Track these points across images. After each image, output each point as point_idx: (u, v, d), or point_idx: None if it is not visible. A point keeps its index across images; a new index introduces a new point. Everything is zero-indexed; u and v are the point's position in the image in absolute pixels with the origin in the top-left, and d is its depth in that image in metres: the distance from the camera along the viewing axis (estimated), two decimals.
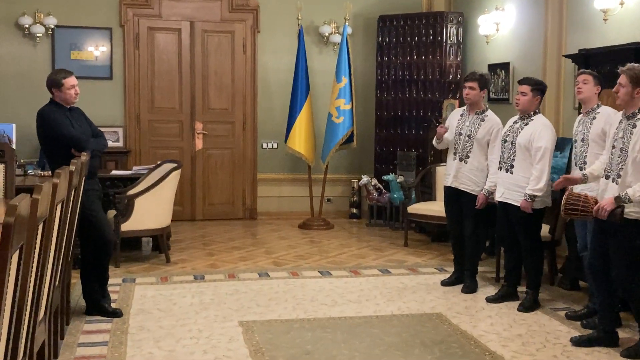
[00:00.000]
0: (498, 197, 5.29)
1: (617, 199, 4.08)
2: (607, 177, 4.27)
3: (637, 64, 4.23)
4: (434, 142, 5.98)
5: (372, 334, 4.62)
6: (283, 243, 7.64)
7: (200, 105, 8.90)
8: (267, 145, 9.10)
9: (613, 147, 4.26)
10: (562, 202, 4.41)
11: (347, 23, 8.53)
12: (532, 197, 5.05)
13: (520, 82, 5.29)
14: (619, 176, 4.16)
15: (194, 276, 6.12)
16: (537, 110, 5.25)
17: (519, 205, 5.12)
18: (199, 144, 8.93)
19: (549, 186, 5.08)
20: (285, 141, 8.50)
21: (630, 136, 4.13)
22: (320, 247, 7.45)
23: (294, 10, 8.68)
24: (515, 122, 5.29)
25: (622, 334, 4.51)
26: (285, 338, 4.55)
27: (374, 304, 5.34)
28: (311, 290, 5.71)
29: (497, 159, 5.40)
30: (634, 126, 4.13)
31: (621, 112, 4.31)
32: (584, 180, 4.61)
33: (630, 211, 4.08)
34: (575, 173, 4.95)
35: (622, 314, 4.68)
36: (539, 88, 5.22)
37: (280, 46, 8.96)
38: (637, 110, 4.17)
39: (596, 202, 4.25)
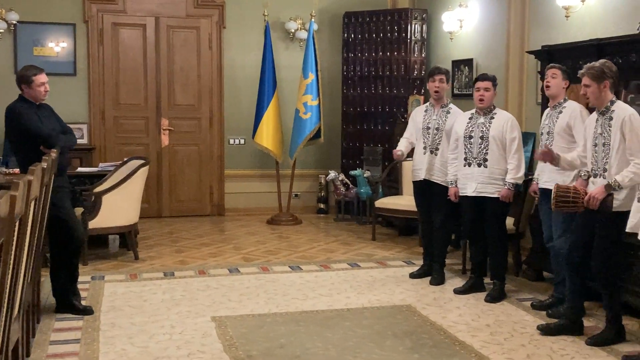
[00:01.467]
0: (471, 192, 5.38)
1: (607, 186, 4.19)
2: (595, 176, 4.37)
3: (594, 62, 4.36)
4: (395, 158, 6.03)
5: (345, 327, 4.69)
6: (252, 239, 7.66)
7: (166, 101, 8.86)
8: (234, 141, 9.09)
9: (595, 144, 4.37)
10: (552, 196, 4.44)
11: (313, 19, 8.58)
12: (514, 186, 5.20)
13: (482, 79, 5.40)
14: (604, 170, 4.28)
15: (164, 273, 6.11)
16: (494, 105, 5.38)
17: (496, 197, 5.25)
18: (165, 140, 8.89)
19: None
20: (253, 137, 8.51)
21: (609, 130, 4.26)
22: (289, 242, 7.49)
23: (260, 6, 8.70)
24: (473, 118, 5.40)
25: (586, 322, 4.64)
26: (259, 332, 4.58)
27: (345, 297, 5.40)
28: (282, 284, 5.75)
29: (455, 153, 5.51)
30: (611, 119, 4.26)
31: (589, 112, 4.43)
32: (557, 158, 4.68)
33: (618, 203, 4.21)
34: (540, 166, 5.09)
35: (585, 304, 4.81)
36: (496, 83, 5.39)
37: (246, 42, 8.96)
38: (609, 104, 4.30)
39: (586, 192, 4.33)
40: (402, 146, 5.96)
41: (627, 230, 4.03)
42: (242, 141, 9.07)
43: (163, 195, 8.91)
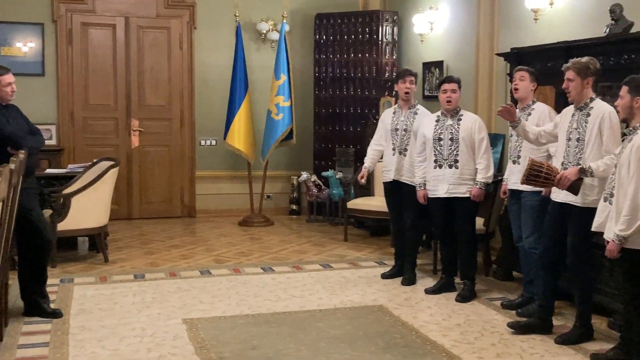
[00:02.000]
0: (443, 194, 5.42)
1: (581, 170, 4.23)
2: (565, 169, 4.42)
3: (581, 58, 4.42)
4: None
5: (317, 327, 4.69)
6: (223, 240, 7.63)
7: (136, 102, 8.78)
8: (205, 142, 9.05)
9: (569, 139, 4.43)
10: (525, 169, 4.41)
11: (284, 20, 8.57)
12: (485, 185, 5.29)
13: (448, 81, 5.46)
14: (577, 165, 4.33)
15: (134, 275, 6.05)
16: (459, 106, 5.45)
17: (467, 196, 5.31)
18: (135, 141, 8.81)
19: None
20: (224, 138, 8.48)
21: (585, 125, 4.32)
22: (261, 244, 7.47)
23: (231, 6, 8.67)
24: (440, 120, 5.45)
25: (555, 321, 4.70)
26: (231, 334, 4.56)
27: (317, 298, 5.41)
28: (254, 286, 5.73)
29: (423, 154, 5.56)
30: (588, 115, 4.33)
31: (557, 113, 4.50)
32: (517, 121, 4.69)
33: (591, 199, 4.28)
34: (509, 167, 5.15)
35: (555, 303, 4.86)
36: (460, 85, 5.46)
37: (217, 43, 8.92)
38: (588, 101, 4.37)
39: (558, 172, 4.35)
40: (368, 160, 6.08)
41: (592, 229, 4.10)
42: (214, 142, 9.02)
43: (133, 196, 8.83)
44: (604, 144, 4.23)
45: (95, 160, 6.74)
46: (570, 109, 4.50)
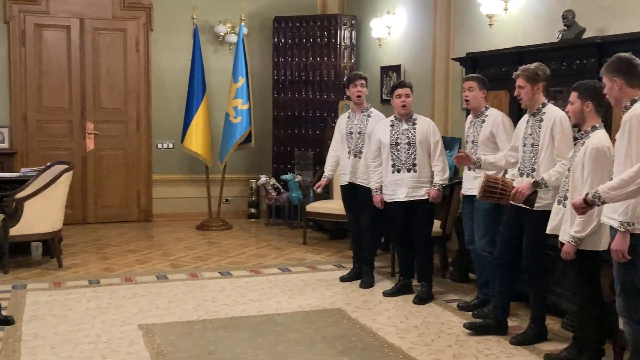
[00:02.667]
0: (402, 198, 5.44)
1: (535, 183, 4.32)
2: (521, 175, 4.51)
3: (530, 65, 4.50)
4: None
5: (275, 331, 4.68)
6: (181, 245, 7.55)
7: (91, 104, 8.64)
8: (162, 146, 8.95)
9: (524, 145, 4.51)
10: (481, 185, 4.50)
11: (243, 23, 8.54)
12: (442, 187, 5.35)
13: (402, 86, 5.50)
14: (533, 170, 4.41)
15: (89, 281, 5.95)
16: (412, 111, 5.52)
17: (426, 198, 5.36)
18: (90, 144, 8.67)
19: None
20: (182, 141, 8.40)
21: (539, 131, 4.40)
22: (219, 248, 7.42)
23: (189, 9, 8.60)
24: (395, 125, 5.49)
25: (510, 322, 4.77)
26: (187, 339, 4.51)
27: (275, 302, 5.39)
28: (212, 291, 5.68)
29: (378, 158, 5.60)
30: (541, 120, 4.40)
31: (511, 119, 4.57)
32: (477, 163, 4.83)
33: (545, 202, 4.35)
34: (465, 173, 5.20)
35: (510, 304, 4.93)
36: (413, 90, 5.51)
37: (175, 45, 8.84)
38: (540, 106, 4.44)
39: (514, 187, 4.44)
40: (328, 169, 6.16)
41: (547, 232, 4.17)
42: (171, 145, 8.93)
43: (88, 201, 8.68)
44: (556, 148, 4.31)
45: (48, 164, 6.62)
46: (525, 117, 4.58)
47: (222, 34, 8.99)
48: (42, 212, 6.20)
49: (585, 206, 3.37)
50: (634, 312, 3.48)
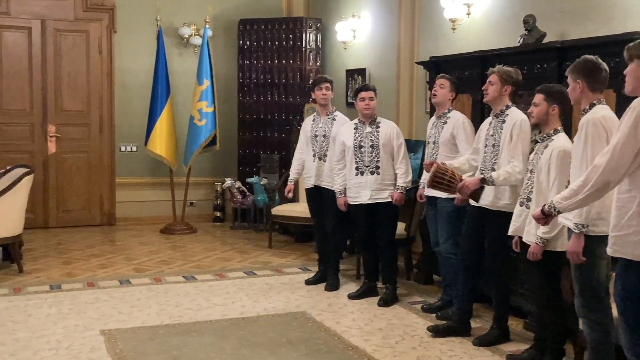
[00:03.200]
0: (366, 200, 5.46)
1: (482, 180, 4.40)
2: (481, 174, 4.56)
3: (507, 66, 4.57)
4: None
5: (239, 336, 4.65)
6: (144, 249, 7.47)
7: (52, 107, 8.51)
8: (125, 149, 8.85)
9: (485, 145, 4.57)
10: (431, 172, 4.59)
11: (207, 25, 8.49)
12: (405, 189, 5.38)
13: (365, 89, 5.53)
14: (492, 170, 4.46)
15: (50, 286, 5.85)
16: (376, 114, 5.54)
17: (389, 200, 5.38)
18: (52, 147, 8.53)
19: None
20: (146, 144, 8.31)
21: (500, 132, 4.46)
22: (183, 252, 7.36)
23: (153, 10, 8.53)
24: (359, 128, 5.51)
25: (473, 323, 4.81)
26: (150, 344, 4.47)
27: (240, 305, 5.36)
28: (175, 295, 5.63)
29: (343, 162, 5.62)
30: (503, 122, 4.46)
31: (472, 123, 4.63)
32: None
33: (503, 203, 4.42)
34: (426, 173, 5.22)
35: (473, 305, 4.97)
36: (376, 92, 5.52)
37: (138, 47, 8.76)
38: (504, 108, 4.51)
39: (461, 179, 4.52)
40: (293, 172, 6.15)
41: (509, 233, 4.22)
42: (134, 148, 8.84)
43: (50, 205, 8.54)
44: (510, 149, 4.38)
45: (8, 167, 6.51)
46: (488, 120, 4.64)
47: (187, 36, 8.93)
48: (1, 217, 6.08)
49: (544, 217, 3.37)
50: (592, 313, 3.54)
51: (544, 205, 3.35)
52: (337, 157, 5.65)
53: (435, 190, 4.76)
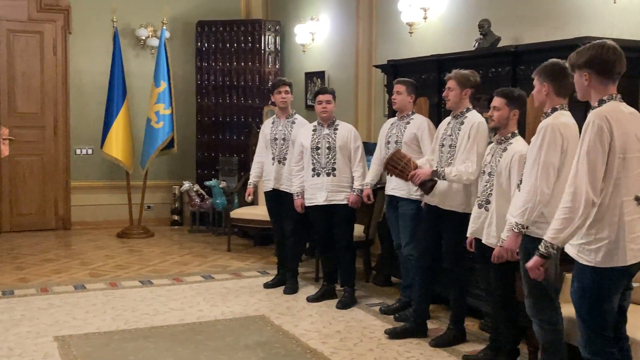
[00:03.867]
0: (322, 202, 5.46)
1: (434, 172, 4.45)
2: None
3: (463, 70, 4.61)
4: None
5: (196, 340, 4.60)
6: (100, 253, 7.35)
7: (5, 109, 8.32)
8: (81, 151, 8.70)
9: (442, 145, 4.61)
10: (388, 156, 4.70)
11: (164, 27, 8.41)
12: (362, 192, 5.37)
13: (323, 92, 5.54)
14: None
15: (2, 292, 5.72)
16: (335, 116, 5.55)
17: (345, 203, 5.38)
18: (4, 150, 8.29)
19: None
20: (101, 147, 8.19)
21: (458, 132, 4.51)
22: (140, 256, 7.26)
23: (109, 11, 8.40)
24: (317, 130, 5.52)
25: (430, 325, 4.85)
26: (105, 350, 4.39)
27: (197, 310, 5.31)
28: (132, 300, 5.55)
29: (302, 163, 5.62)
30: (462, 123, 4.51)
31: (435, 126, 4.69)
32: None
33: (457, 204, 4.47)
34: (384, 175, 5.24)
35: (430, 307, 5.01)
36: (335, 96, 5.55)
37: (94, 48, 8.62)
38: (464, 110, 4.56)
39: (416, 167, 4.56)
40: (253, 175, 6.12)
41: (467, 235, 4.25)
42: (90, 151, 8.70)
43: (3, 208, 8.35)
44: (466, 150, 4.43)
45: None
46: (446, 120, 4.69)
47: (144, 38, 8.83)
48: None
49: (544, 260, 3.09)
50: (541, 313, 3.58)
51: (538, 252, 3.07)
52: (295, 158, 5.65)
53: (387, 171, 4.79)
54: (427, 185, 4.48)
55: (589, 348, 3.03)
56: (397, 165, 4.62)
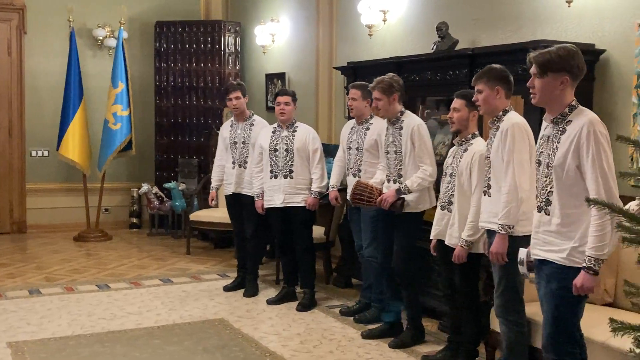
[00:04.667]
0: (279, 204, 5.45)
1: (398, 190, 4.50)
2: (388, 181, 4.67)
3: (383, 77, 4.65)
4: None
5: (154, 345, 4.54)
6: (56, 257, 7.21)
7: None
8: (36, 154, 8.53)
9: (387, 152, 4.64)
10: (351, 190, 4.75)
11: (122, 27, 8.29)
12: (320, 195, 5.35)
13: (282, 94, 5.53)
14: (399, 176, 4.56)
15: None
16: (295, 119, 5.53)
17: (303, 205, 5.36)
18: None
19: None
20: (58, 149, 8.03)
21: (400, 138, 4.55)
22: (98, 260, 7.14)
23: (64, 11, 8.25)
24: (277, 132, 5.51)
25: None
26: (60, 356, 4.31)
27: (155, 314, 5.24)
28: (88, 304, 5.46)
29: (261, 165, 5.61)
30: (401, 128, 4.55)
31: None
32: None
33: (411, 204, 4.50)
34: (349, 180, 5.23)
35: None
36: (295, 98, 5.55)
37: (50, 48, 8.46)
38: (399, 114, 4.61)
39: (381, 193, 4.61)
40: (214, 179, 6.08)
41: (431, 237, 4.27)
42: (46, 153, 8.53)
43: None
44: (417, 155, 4.50)
45: None
46: (384, 125, 4.74)
47: (101, 38, 8.70)
48: None
49: (594, 276, 2.91)
50: (510, 313, 3.60)
51: (584, 271, 2.90)
52: (255, 160, 5.62)
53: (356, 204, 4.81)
54: (397, 205, 4.52)
55: (556, 349, 3.04)
56: (362, 196, 4.68)
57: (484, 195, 3.70)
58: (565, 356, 3.04)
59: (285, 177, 5.41)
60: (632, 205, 3.44)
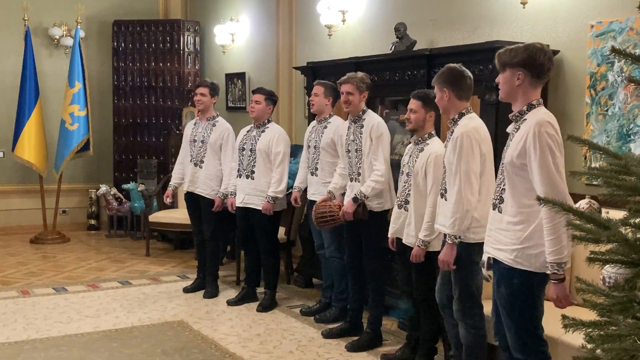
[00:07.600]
0: (239, 203, 5.42)
1: (354, 199, 4.50)
2: (351, 180, 4.67)
3: (356, 73, 4.68)
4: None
5: (111, 348, 4.48)
6: (12, 260, 7.06)
7: None
8: None
9: (348, 150, 4.65)
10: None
11: (79, 26, 8.15)
12: (274, 199, 5.28)
13: (255, 92, 5.51)
14: (359, 174, 4.57)
15: None
16: (270, 119, 5.49)
17: (260, 208, 5.31)
18: None
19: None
20: (13, 149, 7.87)
21: (360, 137, 4.56)
22: (54, 262, 7.01)
23: (19, 9, 8.08)
24: (250, 131, 5.48)
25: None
26: None
27: (113, 317, 5.17)
28: (44, 308, 5.36)
29: (229, 163, 5.56)
30: (362, 127, 4.56)
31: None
32: (331, 195, 4.89)
33: (373, 205, 4.51)
34: (308, 178, 5.23)
35: None
36: (271, 98, 5.47)
37: (4, 47, 8.28)
38: (361, 113, 4.62)
39: (340, 206, 4.60)
40: (174, 177, 6.00)
41: (389, 235, 4.29)
42: (1, 154, 8.35)
43: None
44: (371, 152, 4.50)
45: None
46: (346, 124, 4.76)
47: (57, 37, 8.55)
48: None
49: (561, 281, 2.88)
50: (469, 317, 3.62)
51: (550, 279, 2.89)
52: (234, 157, 5.59)
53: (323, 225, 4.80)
54: (359, 213, 4.53)
55: (524, 349, 3.05)
56: (325, 217, 4.68)
57: (441, 197, 3.70)
58: (533, 355, 3.06)
59: (247, 177, 5.38)
60: (582, 204, 3.50)
